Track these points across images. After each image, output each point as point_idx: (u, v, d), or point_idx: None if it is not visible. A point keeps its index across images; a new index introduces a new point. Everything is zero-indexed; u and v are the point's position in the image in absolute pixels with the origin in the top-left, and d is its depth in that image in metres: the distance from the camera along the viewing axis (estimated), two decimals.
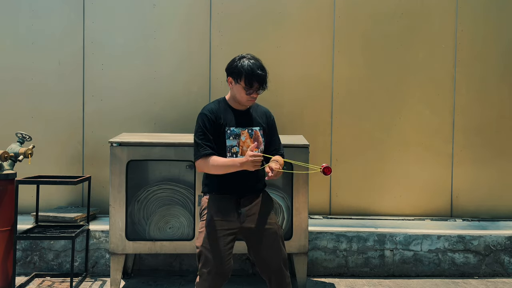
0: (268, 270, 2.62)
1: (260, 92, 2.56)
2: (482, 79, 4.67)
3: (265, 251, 2.59)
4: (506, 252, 4.03)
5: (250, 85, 2.50)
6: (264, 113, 2.72)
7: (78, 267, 3.88)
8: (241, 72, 2.50)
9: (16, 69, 4.45)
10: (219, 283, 2.54)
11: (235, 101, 2.61)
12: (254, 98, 2.57)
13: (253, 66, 2.50)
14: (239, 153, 2.56)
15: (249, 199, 2.60)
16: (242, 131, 2.58)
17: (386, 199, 4.62)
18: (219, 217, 2.55)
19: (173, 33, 4.54)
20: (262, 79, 2.51)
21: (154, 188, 3.64)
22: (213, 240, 2.53)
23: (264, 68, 2.55)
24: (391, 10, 4.62)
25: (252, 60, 2.54)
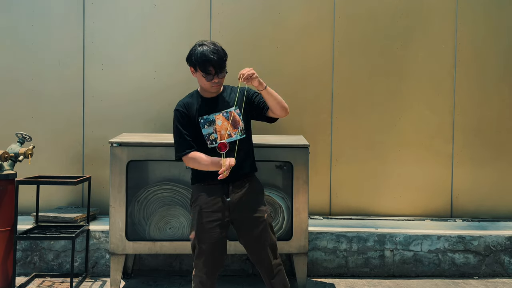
0: (257, 259, 2.63)
1: (220, 76, 2.54)
2: (482, 79, 4.67)
3: (253, 239, 2.60)
4: (506, 253, 4.03)
5: (206, 71, 2.49)
6: (238, 90, 2.66)
7: (78, 267, 3.88)
8: (196, 59, 2.51)
9: (16, 69, 4.45)
10: (214, 273, 2.57)
11: (204, 90, 2.62)
12: (217, 83, 2.55)
13: (205, 52, 2.49)
14: (218, 139, 2.53)
15: (237, 186, 2.58)
16: (216, 116, 2.56)
17: (386, 199, 4.63)
18: (208, 208, 2.56)
19: (173, 33, 4.54)
20: (216, 63, 2.49)
21: (154, 188, 3.64)
22: (204, 231, 2.55)
23: (219, 51, 2.51)
24: (391, 10, 4.62)
25: (205, 45, 2.52)
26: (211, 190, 2.58)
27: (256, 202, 2.63)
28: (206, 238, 2.54)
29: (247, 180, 2.63)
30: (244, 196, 2.59)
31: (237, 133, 2.57)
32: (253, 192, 2.65)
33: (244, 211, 2.58)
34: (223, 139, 2.51)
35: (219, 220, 2.56)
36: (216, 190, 2.57)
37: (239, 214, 2.58)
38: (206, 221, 2.55)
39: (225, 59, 2.55)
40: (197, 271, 2.57)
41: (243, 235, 2.63)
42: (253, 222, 2.59)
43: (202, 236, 2.55)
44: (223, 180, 2.50)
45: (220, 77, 2.55)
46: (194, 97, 2.66)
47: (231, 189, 2.57)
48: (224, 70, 2.56)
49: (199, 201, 2.59)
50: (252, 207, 2.60)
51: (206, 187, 2.59)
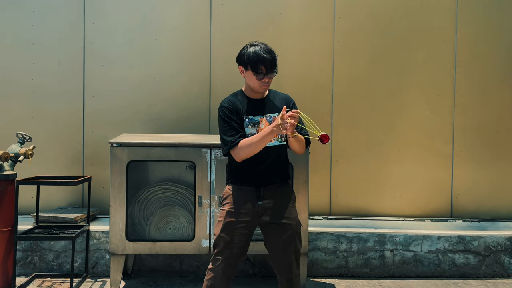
0: (279, 266, 2.62)
1: (271, 76, 2.56)
2: (482, 80, 4.67)
3: (279, 245, 2.59)
4: (506, 253, 4.03)
5: (258, 70, 2.51)
6: (283, 99, 2.69)
7: (78, 267, 3.88)
8: (248, 58, 2.53)
9: (16, 69, 4.45)
10: (231, 272, 2.58)
11: (251, 90, 2.62)
12: (267, 83, 2.56)
13: (258, 51, 2.52)
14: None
15: (269, 191, 2.59)
16: (260, 119, 2.57)
17: (386, 199, 4.63)
18: (238, 208, 2.57)
19: (173, 34, 4.54)
20: (269, 62, 2.51)
21: (154, 189, 3.64)
22: (230, 230, 2.55)
23: (272, 51, 2.56)
24: (391, 10, 4.62)
25: (258, 46, 2.55)
26: (243, 192, 2.59)
27: (286, 209, 2.62)
28: (231, 237, 2.55)
29: (280, 186, 2.64)
30: (275, 202, 2.59)
31: (277, 139, 2.58)
32: (284, 198, 2.64)
33: (273, 216, 2.58)
34: None
35: (246, 222, 2.57)
36: (248, 192, 2.58)
37: (268, 218, 2.58)
38: (234, 221, 2.56)
39: (276, 59, 2.57)
40: (215, 265, 2.58)
41: (270, 240, 2.63)
42: (281, 228, 2.59)
43: (228, 235, 2.55)
44: (257, 183, 2.55)
45: (270, 77, 2.56)
46: (239, 96, 2.65)
47: (263, 193, 2.58)
48: (275, 70, 2.58)
49: (230, 200, 2.61)
50: (281, 213, 2.59)
51: (239, 188, 2.60)
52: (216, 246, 2.59)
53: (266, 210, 2.58)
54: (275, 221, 2.58)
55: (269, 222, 2.58)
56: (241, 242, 2.57)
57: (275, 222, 2.58)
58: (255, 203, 2.56)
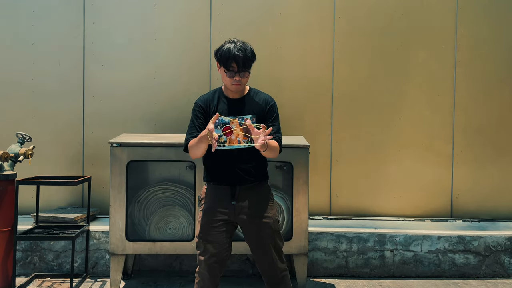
0: (261, 263, 2.62)
1: (243, 75, 2.50)
2: (482, 80, 4.67)
3: (257, 245, 2.59)
4: (506, 253, 4.03)
5: (229, 67, 2.47)
6: (263, 99, 2.63)
7: (78, 267, 3.88)
8: (221, 55, 2.49)
9: (16, 69, 4.45)
10: (217, 271, 2.57)
11: (227, 89, 2.59)
12: (238, 81, 2.50)
13: (232, 48, 2.47)
14: (226, 143, 2.47)
15: (245, 190, 2.58)
16: (232, 120, 2.50)
17: (386, 199, 4.62)
18: (215, 207, 2.57)
19: (173, 34, 4.54)
20: (240, 60, 2.45)
21: (154, 189, 3.64)
22: (209, 229, 2.55)
23: (246, 50, 2.49)
24: (391, 10, 4.62)
25: (233, 43, 2.50)
26: (218, 191, 2.59)
27: (262, 207, 2.61)
28: (210, 237, 2.55)
29: (256, 185, 2.62)
30: (251, 201, 2.58)
31: (247, 142, 2.49)
32: (260, 197, 2.63)
33: (249, 215, 2.57)
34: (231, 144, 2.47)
35: (223, 220, 2.56)
36: (223, 191, 2.58)
37: (244, 217, 2.57)
38: (211, 220, 2.56)
39: (251, 59, 2.51)
40: (200, 268, 2.57)
41: (249, 238, 2.63)
42: (258, 226, 2.58)
43: (206, 235, 2.56)
44: (231, 182, 2.54)
45: (242, 76, 2.51)
46: (216, 94, 2.62)
47: (238, 193, 2.57)
48: (248, 70, 2.52)
49: (206, 200, 2.61)
50: (257, 212, 2.58)
51: (214, 186, 2.60)
52: (198, 248, 2.58)
53: (242, 209, 2.57)
54: (252, 220, 2.57)
55: (246, 220, 2.57)
56: (221, 241, 2.54)
57: (251, 221, 2.57)
58: (230, 202, 2.56)
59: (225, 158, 2.54)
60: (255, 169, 2.61)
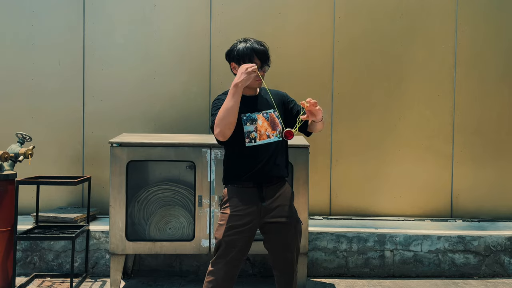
0: (280, 265, 2.60)
1: (265, 69, 2.53)
2: (482, 80, 4.67)
3: (282, 246, 2.58)
4: (506, 253, 4.03)
5: (252, 62, 2.48)
6: (276, 94, 2.65)
7: (78, 267, 3.88)
8: (241, 53, 2.50)
9: (16, 69, 4.45)
10: (234, 273, 2.54)
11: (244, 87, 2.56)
12: (261, 76, 2.52)
13: (251, 44, 2.50)
14: (257, 138, 2.49)
15: (271, 190, 2.54)
16: (258, 115, 2.52)
17: (386, 199, 4.63)
18: (240, 211, 2.51)
19: (173, 33, 4.54)
20: (263, 53, 2.49)
21: (154, 189, 3.64)
22: (233, 233, 2.50)
23: (264, 44, 2.54)
24: (391, 10, 4.62)
25: (249, 41, 2.53)
26: (245, 194, 2.53)
27: (287, 207, 2.59)
28: (233, 241, 2.50)
29: (280, 184, 2.60)
30: (278, 201, 2.56)
31: (276, 135, 2.52)
32: (286, 197, 2.60)
33: (275, 216, 2.54)
34: (262, 139, 2.49)
35: (249, 223, 2.51)
36: (250, 193, 2.52)
37: (271, 219, 2.54)
38: (236, 224, 2.50)
39: (269, 52, 2.54)
40: (216, 268, 2.53)
41: (271, 239, 2.59)
42: (284, 227, 2.56)
43: (230, 238, 2.50)
44: (257, 183, 2.50)
45: (265, 71, 2.53)
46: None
47: (266, 194, 2.53)
48: (269, 63, 2.54)
49: (231, 203, 2.54)
50: (283, 212, 2.56)
51: (239, 189, 2.54)
52: (219, 249, 2.53)
53: (269, 211, 2.54)
54: (278, 220, 2.54)
55: (272, 222, 2.54)
56: (244, 244, 2.52)
57: (278, 221, 2.54)
58: (259, 205, 2.51)
59: (250, 156, 2.50)
60: (281, 168, 2.59)
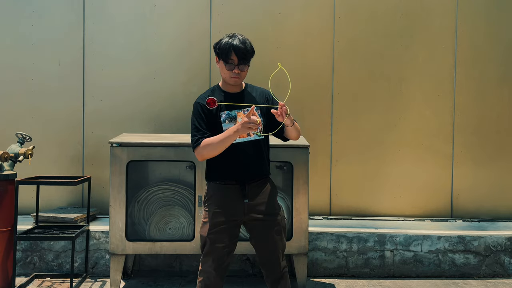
0: (266, 261, 2.61)
1: (242, 68, 2.50)
2: (482, 80, 4.67)
3: (265, 243, 2.58)
4: (506, 253, 4.03)
5: (229, 59, 2.47)
6: (261, 92, 2.65)
7: (78, 267, 3.88)
8: (220, 48, 2.50)
9: (16, 69, 4.45)
10: (223, 271, 2.56)
11: (226, 83, 2.58)
12: (237, 74, 2.50)
13: (232, 41, 2.47)
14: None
15: (254, 188, 2.56)
16: (238, 113, 2.52)
17: (386, 199, 4.62)
18: (223, 208, 2.53)
19: (173, 33, 4.54)
20: (241, 52, 2.46)
21: (154, 189, 3.64)
22: (218, 230, 2.52)
23: (246, 43, 2.49)
24: (391, 10, 4.62)
25: (234, 37, 2.50)
26: (227, 190, 2.55)
27: (271, 205, 2.60)
28: (218, 238, 2.52)
29: (263, 182, 2.61)
30: (261, 198, 2.57)
31: (256, 133, 2.52)
32: (269, 194, 2.62)
33: (259, 213, 2.56)
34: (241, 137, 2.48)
35: (233, 220, 2.54)
36: (232, 190, 2.54)
37: (254, 215, 2.56)
38: (220, 221, 2.52)
39: (250, 53, 2.51)
40: (205, 266, 2.55)
41: (256, 236, 2.61)
42: (268, 224, 2.57)
43: (214, 235, 2.52)
44: (240, 180, 2.51)
45: (242, 69, 2.51)
46: (216, 91, 2.60)
47: (248, 191, 2.55)
48: (247, 63, 2.52)
49: (214, 200, 2.56)
50: (267, 209, 2.57)
51: (222, 186, 2.56)
52: (205, 247, 2.55)
53: (252, 207, 2.55)
54: (262, 217, 2.55)
55: (256, 219, 2.56)
56: (229, 241, 2.54)
57: (261, 218, 2.55)
58: (241, 201, 2.53)
59: (233, 154, 2.51)
60: (263, 165, 2.60)
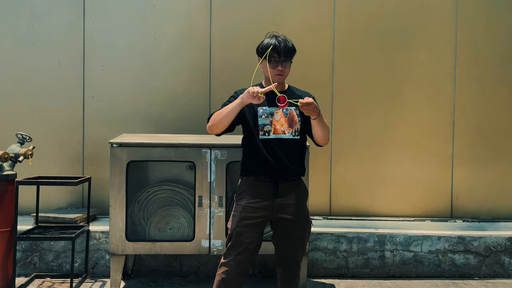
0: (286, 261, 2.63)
1: (285, 65, 2.57)
2: (482, 80, 4.67)
3: (290, 242, 2.60)
4: (507, 253, 4.03)
5: (271, 58, 2.54)
6: (303, 93, 2.70)
7: (78, 268, 3.88)
8: (262, 47, 2.57)
9: (16, 69, 4.45)
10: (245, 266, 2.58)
11: (269, 82, 2.61)
12: (281, 71, 2.56)
13: (273, 39, 2.55)
14: (271, 132, 2.54)
15: (286, 187, 2.57)
16: (276, 110, 2.57)
17: (386, 200, 4.62)
18: (254, 204, 2.56)
19: (173, 34, 4.54)
20: (282, 49, 2.53)
21: (154, 189, 3.64)
22: (245, 225, 2.55)
23: (288, 40, 2.58)
24: (391, 10, 4.62)
25: (274, 37, 2.58)
26: (260, 187, 2.58)
27: (301, 206, 2.62)
28: (244, 232, 2.55)
29: (296, 182, 2.62)
30: (292, 199, 2.58)
31: (291, 133, 2.56)
32: (300, 195, 2.64)
33: (288, 213, 2.57)
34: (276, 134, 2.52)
35: (262, 217, 2.56)
36: (265, 188, 2.57)
37: (283, 215, 2.57)
38: (249, 216, 2.55)
39: (292, 49, 2.58)
40: (227, 260, 2.58)
41: (280, 236, 2.62)
42: (294, 225, 2.58)
43: (241, 229, 2.56)
44: (273, 178, 2.54)
45: (284, 66, 2.57)
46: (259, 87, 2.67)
47: (281, 190, 2.56)
48: (289, 60, 2.59)
49: (246, 195, 2.59)
50: (296, 211, 2.58)
51: (255, 182, 2.59)
52: (230, 241, 2.59)
53: (282, 207, 2.57)
54: (290, 218, 2.57)
55: (283, 218, 2.57)
56: (255, 237, 2.56)
57: (289, 219, 2.57)
58: (273, 200, 2.55)
59: (267, 151, 2.54)
60: (298, 165, 2.61)
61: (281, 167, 2.55)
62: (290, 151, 2.58)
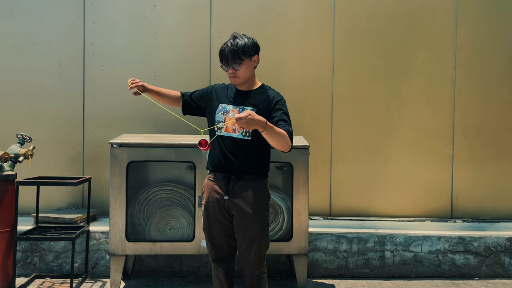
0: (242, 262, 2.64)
1: (235, 67, 2.53)
2: (482, 80, 4.67)
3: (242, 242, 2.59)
4: (507, 253, 4.03)
5: (223, 61, 2.56)
6: (269, 95, 2.62)
7: (78, 268, 3.88)
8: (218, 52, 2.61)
9: (16, 69, 4.45)
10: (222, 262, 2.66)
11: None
12: (233, 74, 2.55)
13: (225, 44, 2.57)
14: (223, 129, 2.54)
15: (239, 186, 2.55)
16: (232, 108, 2.56)
17: (386, 200, 4.62)
18: (211, 203, 2.61)
19: (173, 34, 4.54)
20: (230, 53, 2.51)
21: (154, 189, 3.64)
22: (209, 225, 2.63)
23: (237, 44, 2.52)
24: (391, 10, 4.61)
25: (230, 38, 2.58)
26: (215, 184, 2.62)
27: (254, 207, 2.56)
28: (211, 233, 2.62)
29: (250, 182, 2.58)
30: (243, 197, 2.56)
31: (241, 133, 2.51)
32: (254, 194, 2.58)
33: (240, 212, 2.55)
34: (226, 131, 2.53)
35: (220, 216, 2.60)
36: (219, 185, 2.60)
37: (235, 214, 2.58)
38: (209, 216, 2.62)
39: (237, 51, 2.50)
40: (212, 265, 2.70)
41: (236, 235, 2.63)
42: (246, 225, 2.56)
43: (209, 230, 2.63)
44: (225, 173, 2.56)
45: (236, 68, 2.53)
46: (230, 85, 2.72)
47: (232, 188, 2.56)
48: (236, 62, 2.52)
49: (206, 194, 2.66)
50: (248, 211, 2.54)
51: (211, 181, 2.64)
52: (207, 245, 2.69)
53: (234, 205, 2.56)
54: (241, 217, 2.56)
55: (237, 217, 2.57)
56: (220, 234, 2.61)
57: (241, 218, 2.56)
58: (223, 198, 2.57)
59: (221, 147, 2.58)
60: (252, 162, 2.57)
61: (233, 165, 2.55)
62: (241, 150, 2.54)
